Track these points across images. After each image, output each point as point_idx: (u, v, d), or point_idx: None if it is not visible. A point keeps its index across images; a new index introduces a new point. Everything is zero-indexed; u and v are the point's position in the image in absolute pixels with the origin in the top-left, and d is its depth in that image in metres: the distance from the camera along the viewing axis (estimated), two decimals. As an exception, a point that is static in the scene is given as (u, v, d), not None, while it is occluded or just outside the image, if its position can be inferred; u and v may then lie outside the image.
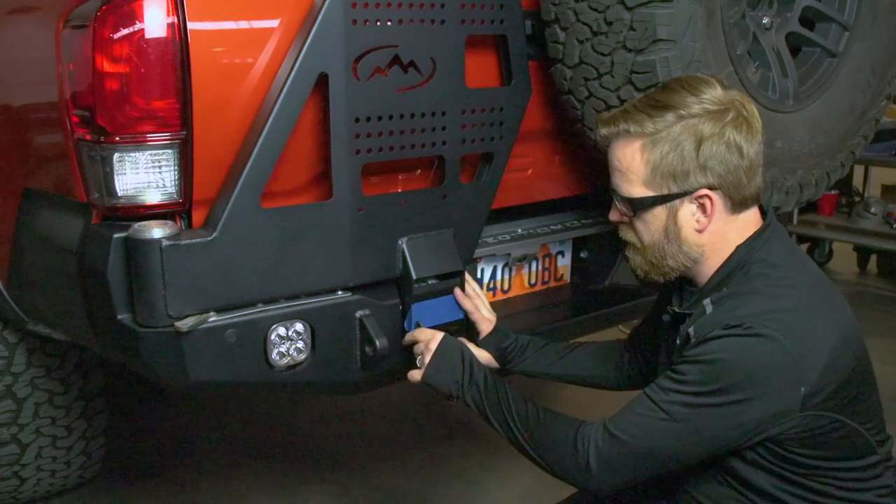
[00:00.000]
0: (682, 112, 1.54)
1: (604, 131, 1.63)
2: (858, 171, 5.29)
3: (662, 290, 1.83)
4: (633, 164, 1.58)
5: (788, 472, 1.51)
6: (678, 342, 1.60)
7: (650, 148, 1.56)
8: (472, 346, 1.88)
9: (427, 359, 1.78)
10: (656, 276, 1.66)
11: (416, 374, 1.80)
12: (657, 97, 1.59)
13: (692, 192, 1.56)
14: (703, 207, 1.57)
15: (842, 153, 2.41)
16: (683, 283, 1.68)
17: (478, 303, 1.97)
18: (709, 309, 1.55)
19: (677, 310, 1.65)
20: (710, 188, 1.55)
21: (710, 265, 1.61)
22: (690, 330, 1.54)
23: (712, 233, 1.59)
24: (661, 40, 1.83)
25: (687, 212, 1.58)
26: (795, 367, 1.45)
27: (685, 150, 1.54)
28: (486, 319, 1.96)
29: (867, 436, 1.54)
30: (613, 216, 1.68)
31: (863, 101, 2.40)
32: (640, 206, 1.60)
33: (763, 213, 1.65)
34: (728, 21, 2.02)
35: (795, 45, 2.33)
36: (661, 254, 1.61)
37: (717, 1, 1.97)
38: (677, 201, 1.57)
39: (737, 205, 1.58)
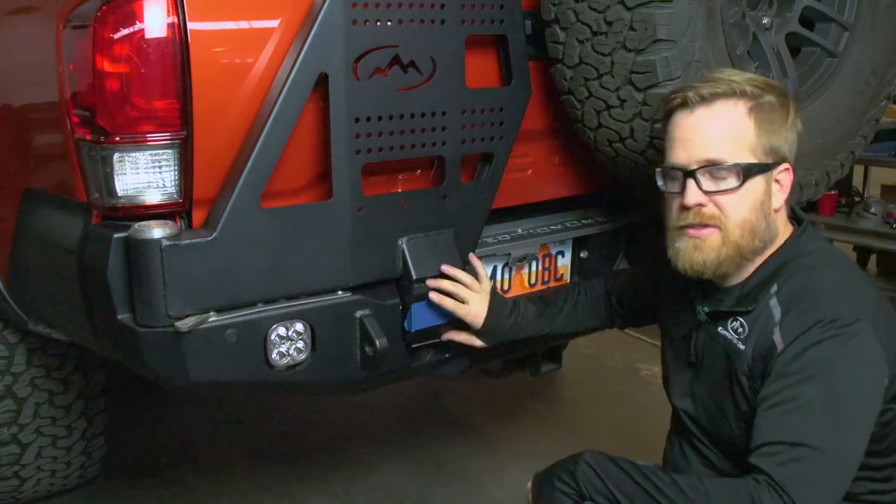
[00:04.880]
0: (769, 83, 1.54)
1: (694, 94, 1.51)
2: (858, 171, 5.28)
3: (670, 276, 1.68)
4: (742, 129, 1.50)
5: None
6: (753, 350, 1.51)
7: (756, 112, 1.49)
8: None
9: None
10: (722, 268, 1.53)
11: None
12: (725, 77, 1.55)
13: (779, 165, 1.52)
14: (780, 184, 1.53)
15: (842, 153, 2.40)
16: (704, 281, 1.61)
17: (462, 293, 1.88)
18: (776, 311, 1.50)
19: (727, 308, 1.57)
20: (789, 163, 1.53)
21: (762, 257, 1.55)
22: (776, 338, 1.48)
23: (780, 216, 1.55)
24: (661, 40, 1.83)
25: (773, 187, 1.52)
26: (883, 350, 1.46)
27: (781, 117, 1.50)
28: (473, 313, 1.90)
29: None
30: (693, 198, 1.51)
31: (863, 101, 2.39)
32: (748, 175, 1.49)
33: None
34: (728, 21, 2.02)
35: (795, 45, 2.33)
36: (752, 233, 1.52)
37: (717, 1, 1.96)
38: (772, 173, 1.51)
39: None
